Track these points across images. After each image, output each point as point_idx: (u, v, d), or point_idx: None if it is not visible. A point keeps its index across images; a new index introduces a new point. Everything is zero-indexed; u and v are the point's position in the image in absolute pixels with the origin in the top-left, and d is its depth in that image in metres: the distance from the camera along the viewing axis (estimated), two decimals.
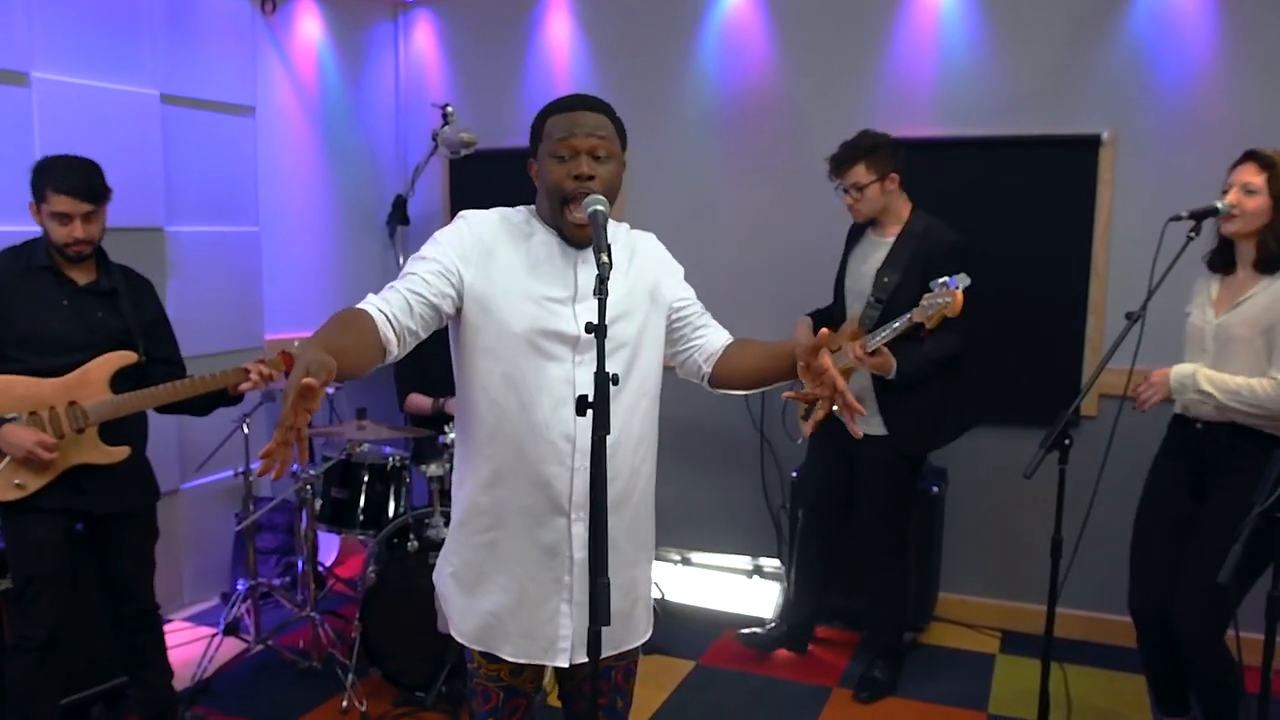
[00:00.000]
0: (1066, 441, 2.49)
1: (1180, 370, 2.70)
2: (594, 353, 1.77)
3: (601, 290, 1.69)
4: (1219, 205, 2.64)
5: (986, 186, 4.00)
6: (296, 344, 3.17)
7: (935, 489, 3.89)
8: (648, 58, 4.49)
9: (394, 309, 1.80)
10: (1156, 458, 2.97)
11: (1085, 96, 3.86)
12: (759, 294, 4.34)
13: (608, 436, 1.64)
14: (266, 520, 4.13)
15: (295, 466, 3.86)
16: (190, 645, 3.75)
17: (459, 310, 1.88)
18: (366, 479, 3.76)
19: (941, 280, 3.03)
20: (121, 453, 2.81)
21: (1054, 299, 3.96)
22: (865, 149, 3.35)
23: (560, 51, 4.66)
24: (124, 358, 2.81)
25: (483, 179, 4.74)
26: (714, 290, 4.36)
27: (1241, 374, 2.63)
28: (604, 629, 1.65)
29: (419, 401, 4.10)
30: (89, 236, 2.74)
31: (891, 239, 3.42)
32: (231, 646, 3.66)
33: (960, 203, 4.02)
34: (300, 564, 4.01)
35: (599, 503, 1.64)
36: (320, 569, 4.07)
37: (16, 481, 2.66)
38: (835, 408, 1.82)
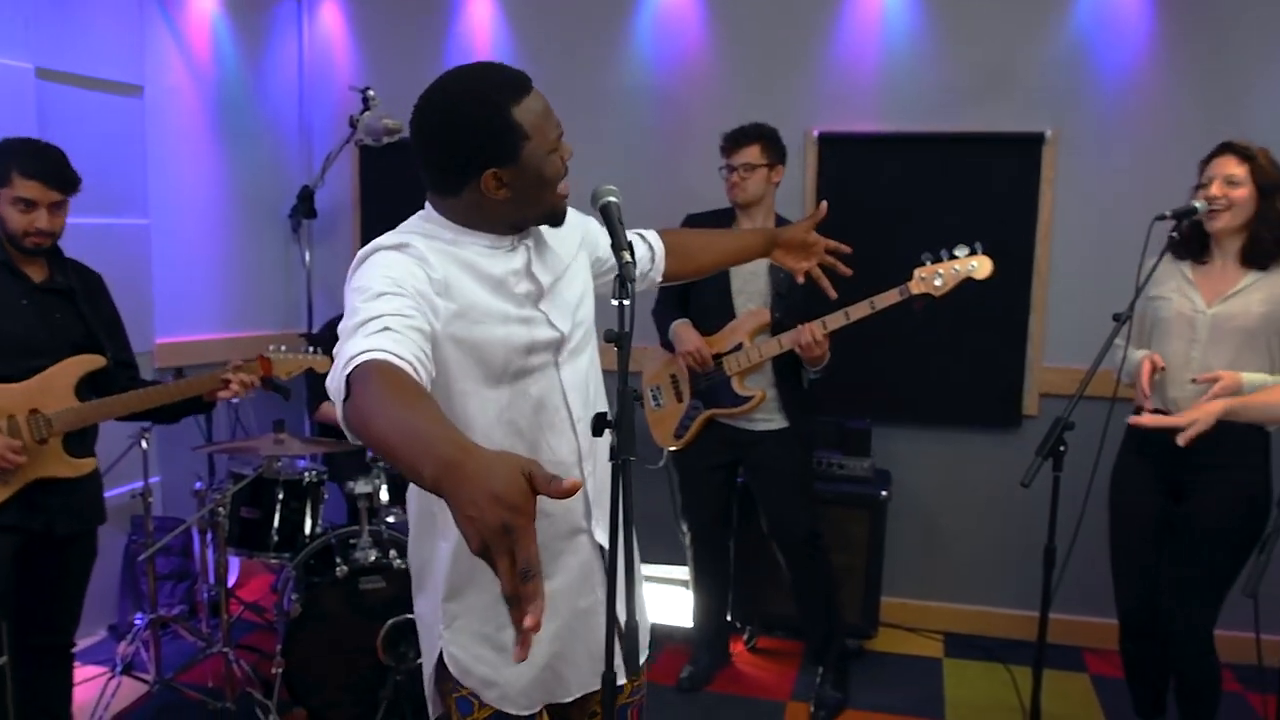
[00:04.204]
0: (1061, 448, 2.39)
1: (1254, 382, 2.48)
2: (572, 349, 1.67)
3: (624, 293, 1.50)
4: (1197, 205, 2.60)
5: (929, 183, 3.94)
6: (278, 348, 2.88)
7: (884, 494, 3.80)
8: (577, 43, 4.26)
9: (416, 353, 1.35)
10: (1122, 457, 2.92)
11: (1029, 94, 3.83)
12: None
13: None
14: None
15: (199, 484, 3.52)
16: (80, 687, 3.33)
17: None
18: (281, 497, 3.43)
19: (941, 252, 2.90)
20: (89, 465, 2.58)
21: (996, 298, 3.90)
22: (765, 132, 3.31)
23: (482, 35, 4.38)
24: (91, 361, 2.57)
25: (397, 169, 4.41)
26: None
27: (1233, 367, 2.56)
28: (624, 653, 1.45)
29: (334, 411, 3.75)
30: (52, 229, 2.51)
31: None
32: (130, 688, 3.27)
33: (903, 199, 3.96)
34: (204, 592, 3.65)
35: (624, 535, 1.44)
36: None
37: None
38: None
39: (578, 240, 1.79)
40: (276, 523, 3.43)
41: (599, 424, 1.51)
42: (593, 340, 1.75)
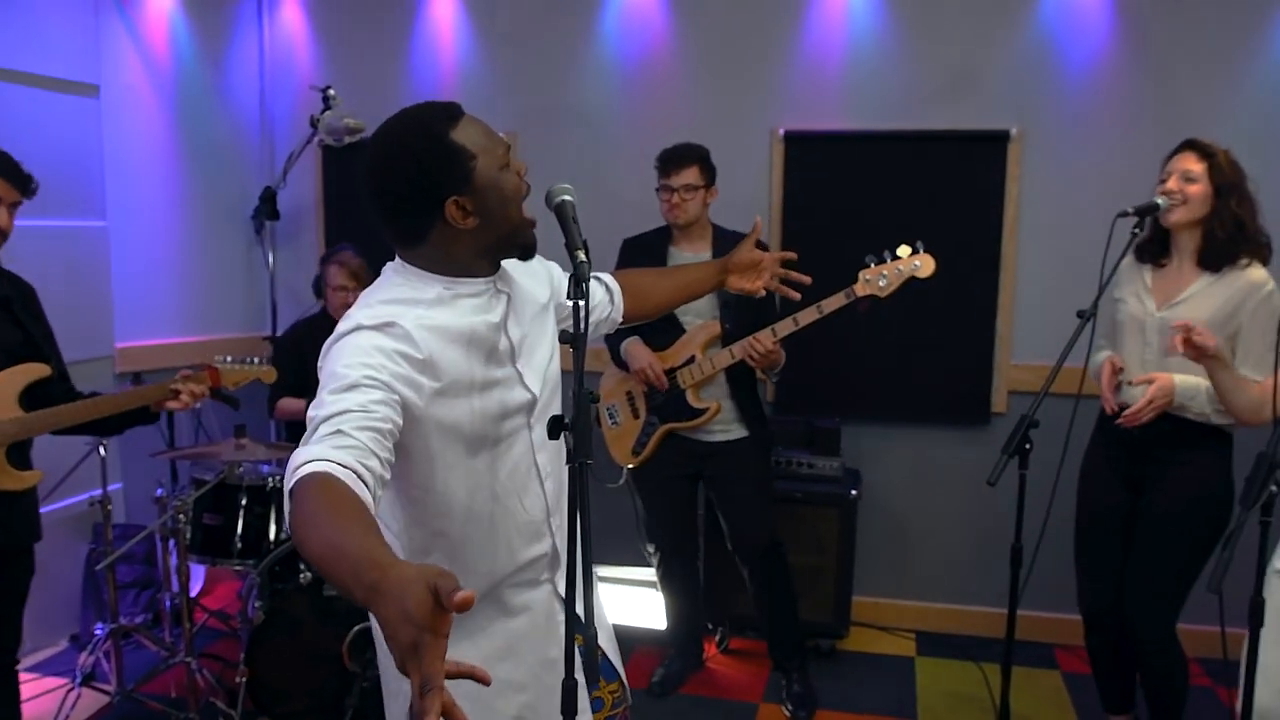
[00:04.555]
0: (1027, 446, 2.38)
1: (1187, 385, 2.57)
2: (542, 407, 1.66)
3: (579, 293, 1.48)
4: (1159, 201, 2.60)
5: (895, 181, 3.93)
6: (224, 359, 2.82)
7: (854, 493, 3.79)
8: (541, 41, 4.22)
9: (364, 458, 1.32)
10: (1089, 451, 2.93)
11: (994, 92, 3.83)
12: None
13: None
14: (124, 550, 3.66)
15: (160, 491, 3.46)
16: (39, 700, 3.28)
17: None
18: (245, 502, 3.37)
19: (884, 254, 2.89)
20: (35, 477, 2.50)
21: (963, 296, 3.92)
22: (702, 153, 3.29)
23: (445, 33, 4.32)
24: (36, 370, 2.50)
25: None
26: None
27: (1184, 369, 2.59)
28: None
29: (293, 405, 3.68)
30: (5, 229, 2.43)
31: (706, 254, 3.29)
32: (90, 699, 3.20)
33: (869, 197, 3.95)
34: (168, 600, 3.59)
35: (583, 539, 1.41)
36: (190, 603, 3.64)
37: None
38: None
39: (548, 292, 1.77)
40: (240, 529, 3.36)
41: (555, 427, 1.48)
42: (558, 395, 1.73)
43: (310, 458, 1.28)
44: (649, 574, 4.05)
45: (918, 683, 3.66)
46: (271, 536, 3.39)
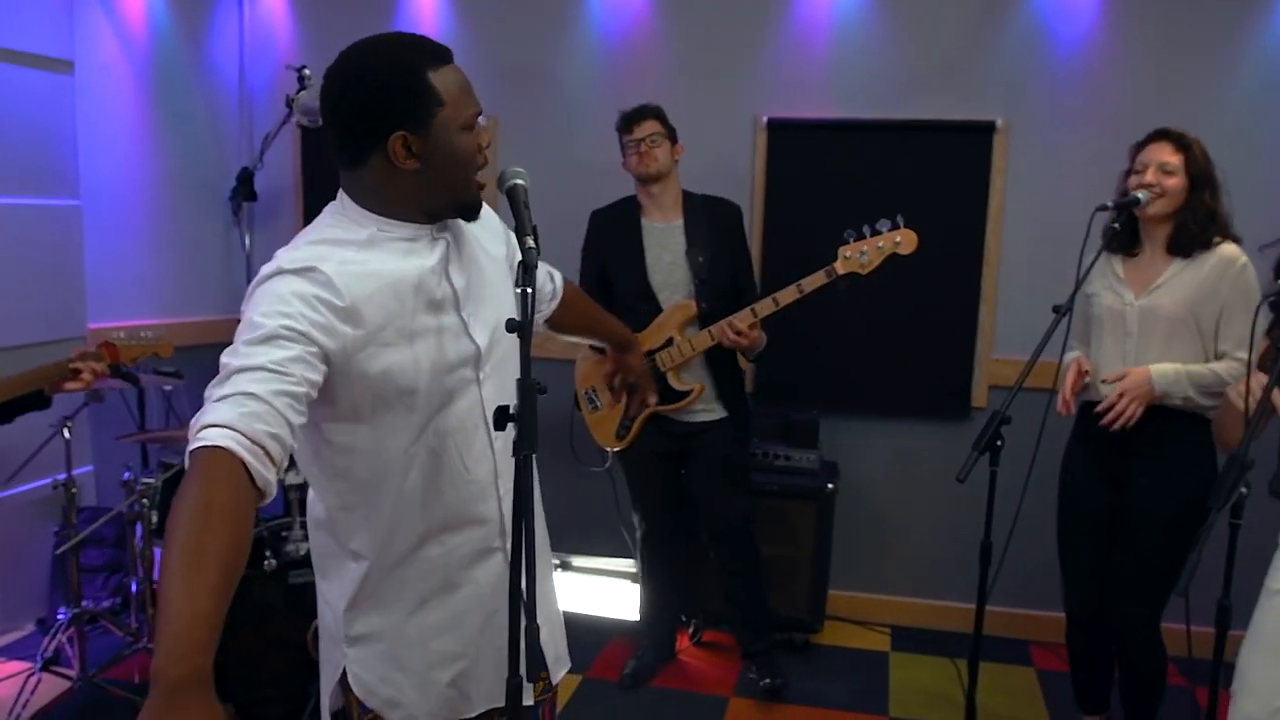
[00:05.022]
0: (999, 443, 2.35)
1: (1162, 372, 2.55)
2: (495, 363, 1.60)
3: (527, 280, 1.43)
4: (1139, 196, 2.56)
5: (880, 171, 3.88)
6: (119, 334, 2.73)
7: (830, 486, 3.75)
8: (525, 26, 4.16)
9: (271, 427, 1.27)
10: (1070, 447, 2.89)
11: (981, 82, 3.78)
12: None
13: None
14: (92, 533, 3.61)
15: (127, 474, 3.41)
16: (1, 684, 3.24)
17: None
18: None
19: (863, 228, 2.85)
20: None
21: (946, 288, 3.88)
22: (659, 110, 3.27)
23: (428, 13, 4.26)
24: None
25: None
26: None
27: (1166, 356, 2.57)
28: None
29: None
30: None
31: (679, 222, 3.27)
32: (51, 685, 3.17)
33: (852, 186, 3.91)
34: (134, 584, 3.54)
35: (528, 531, 1.37)
36: (157, 588, 3.60)
37: None
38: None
39: (504, 253, 1.71)
40: None
41: (500, 418, 1.43)
42: (516, 355, 1.67)
43: (218, 421, 1.23)
44: (626, 565, 4.02)
45: (891, 678, 3.64)
46: None
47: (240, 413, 1.25)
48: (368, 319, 1.44)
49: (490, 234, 1.69)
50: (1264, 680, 2.09)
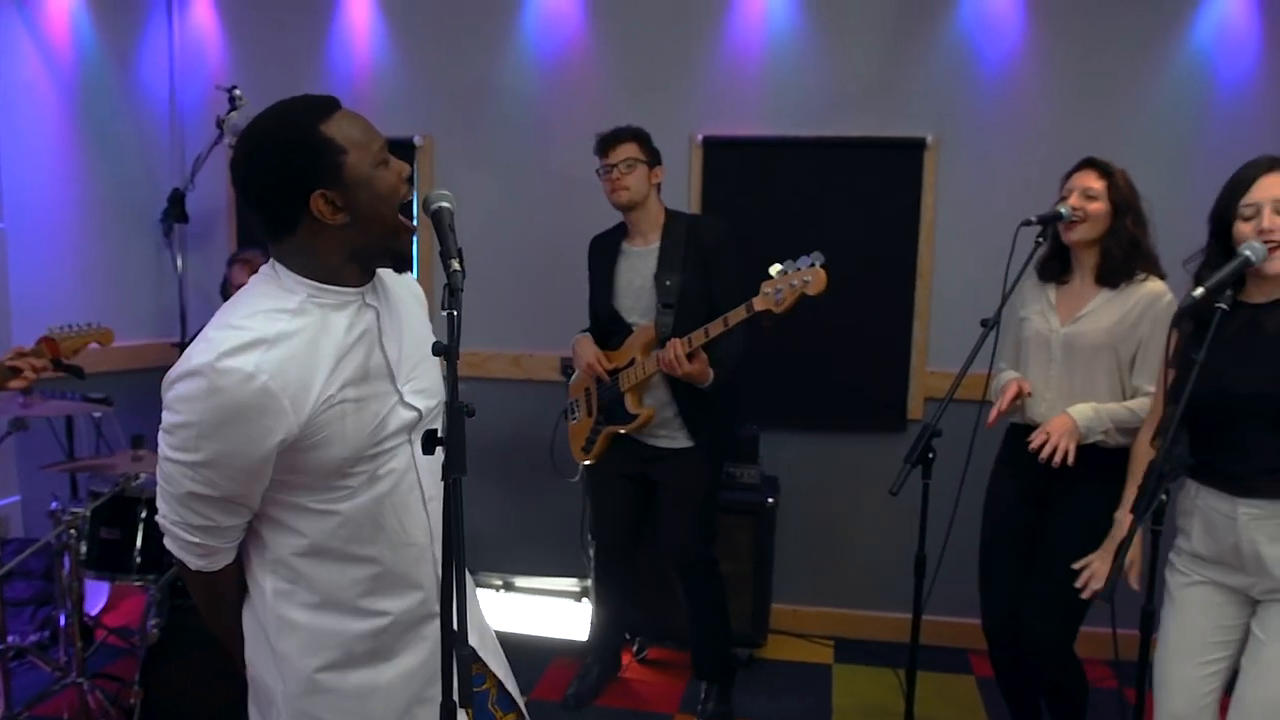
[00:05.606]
0: (930, 455, 2.38)
1: (1083, 414, 2.58)
2: (427, 423, 1.61)
3: (453, 303, 1.42)
4: (1062, 210, 2.62)
5: (814, 188, 3.94)
6: (58, 327, 2.70)
7: (770, 500, 3.78)
8: (458, 44, 4.15)
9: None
10: (996, 466, 2.94)
11: (911, 99, 3.86)
12: (583, 285, 4.05)
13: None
14: (18, 565, 3.51)
15: (55, 504, 3.32)
16: None
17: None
18: (144, 515, 3.25)
19: (786, 264, 2.85)
20: None
21: (880, 303, 3.94)
22: (639, 132, 3.22)
23: (361, 34, 4.24)
24: None
25: None
26: (531, 282, 4.14)
27: (1088, 383, 2.63)
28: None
29: None
30: None
31: (655, 245, 3.22)
32: None
33: (787, 203, 3.95)
34: (63, 618, 3.44)
35: (458, 555, 1.36)
36: (87, 621, 3.51)
37: None
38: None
39: (420, 313, 1.74)
40: (139, 543, 3.24)
41: (429, 441, 1.43)
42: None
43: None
44: (569, 584, 4.01)
45: (834, 691, 3.66)
46: None
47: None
48: (306, 403, 1.46)
49: (414, 299, 1.72)
50: (1184, 680, 2.15)
